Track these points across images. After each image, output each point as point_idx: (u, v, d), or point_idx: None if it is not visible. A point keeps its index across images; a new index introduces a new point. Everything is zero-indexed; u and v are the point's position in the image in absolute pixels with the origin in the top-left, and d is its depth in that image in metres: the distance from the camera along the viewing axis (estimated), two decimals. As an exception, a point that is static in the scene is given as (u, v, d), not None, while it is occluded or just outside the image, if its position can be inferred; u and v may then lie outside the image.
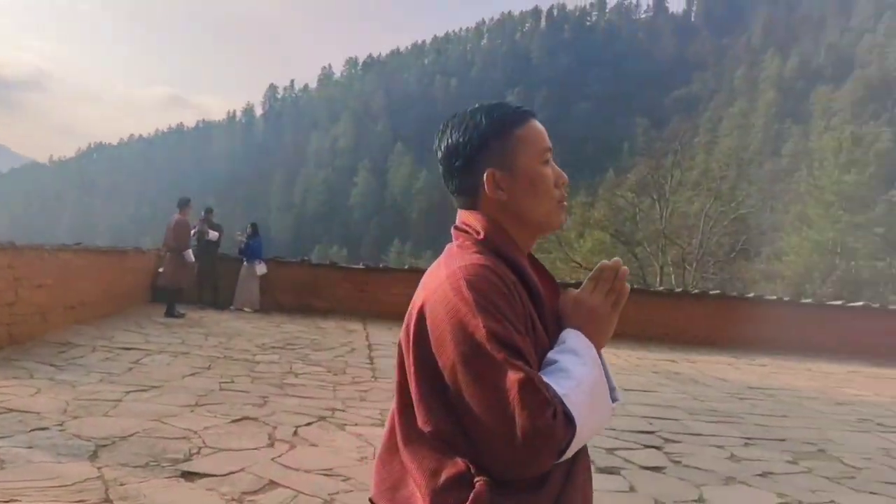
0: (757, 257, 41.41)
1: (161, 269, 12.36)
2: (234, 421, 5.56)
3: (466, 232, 1.38)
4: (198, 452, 4.69)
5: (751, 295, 15.75)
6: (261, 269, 13.66)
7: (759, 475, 5.38)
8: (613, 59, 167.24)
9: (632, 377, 9.58)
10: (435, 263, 1.38)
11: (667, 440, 6.23)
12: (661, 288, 20.22)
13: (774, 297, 15.70)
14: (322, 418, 5.91)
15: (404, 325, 1.34)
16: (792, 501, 4.79)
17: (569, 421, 1.16)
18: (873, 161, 49.69)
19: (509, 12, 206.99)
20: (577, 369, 1.25)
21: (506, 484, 1.18)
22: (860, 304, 15.03)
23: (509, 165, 1.36)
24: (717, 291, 16.66)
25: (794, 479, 5.37)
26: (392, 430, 1.37)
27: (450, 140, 1.39)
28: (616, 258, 1.42)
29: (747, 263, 40.06)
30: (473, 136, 1.36)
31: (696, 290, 16.57)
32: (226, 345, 9.33)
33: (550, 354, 1.28)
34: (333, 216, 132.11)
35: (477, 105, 1.43)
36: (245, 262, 13.71)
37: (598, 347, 1.34)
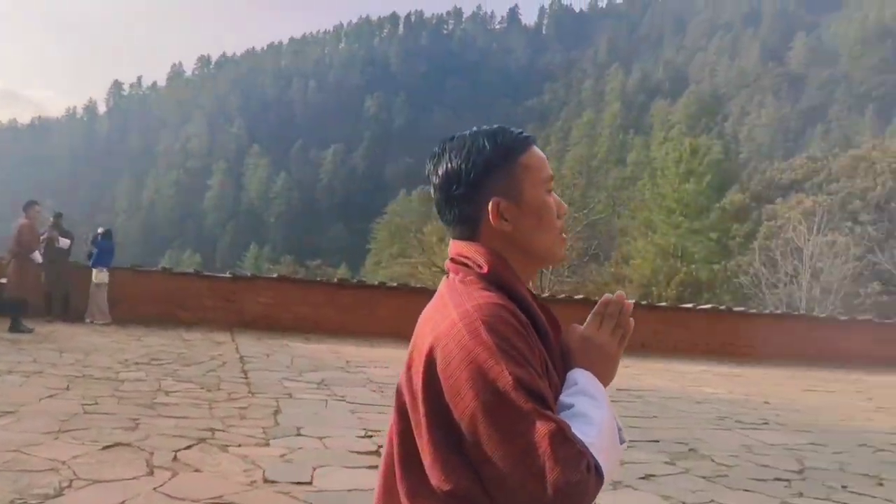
0: (607, 261, 43.54)
1: (3, 280, 11.31)
2: (105, 448, 5.14)
3: (466, 265, 1.28)
4: (69, 486, 4.28)
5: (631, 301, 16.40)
6: (101, 276, 12.64)
7: (642, 478, 5.58)
8: (469, 67, 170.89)
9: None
10: (437, 301, 1.27)
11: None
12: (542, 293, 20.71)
13: (633, 301, 16.45)
14: (202, 440, 5.58)
15: (406, 369, 1.24)
16: (676, 503, 5.00)
17: (598, 472, 1.10)
18: (707, 171, 53.66)
19: (367, 17, 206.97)
20: (595, 414, 1.19)
21: None
22: (708, 306, 16.11)
23: (515, 195, 1.28)
24: (581, 296, 17.33)
25: (675, 480, 5.61)
26: (388, 477, 1.26)
27: (449, 165, 1.29)
28: (620, 292, 1.37)
29: (599, 267, 42.05)
30: (477, 163, 1.27)
31: (563, 295, 17.18)
32: (84, 362, 8.65)
33: (563, 397, 1.20)
34: (186, 220, 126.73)
35: (476, 129, 1.34)
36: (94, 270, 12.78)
37: (605, 386, 1.29)
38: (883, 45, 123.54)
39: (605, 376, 1.29)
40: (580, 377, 1.25)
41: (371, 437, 6.11)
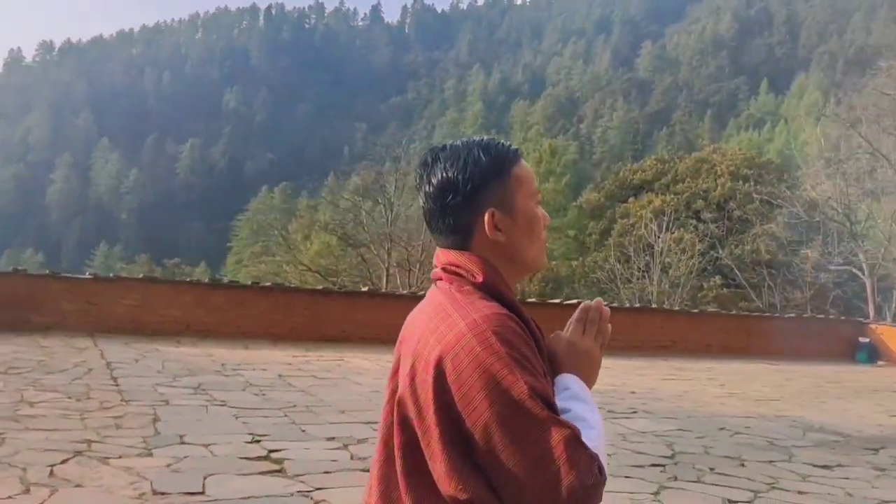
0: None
1: None
2: (-31, 467, 4.75)
3: (459, 275, 1.30)
4: (-64, 511, 3.94)
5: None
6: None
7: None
8: (333, 63, 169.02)
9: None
10: (434, 309, 1.27)
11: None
12: (406, 291, 20.85)
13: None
14: (78, 453, 5.26)
15: (408, 381, 1.23)
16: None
17: (602, 474, 1.14)
18: (566, 171, 55.92)
19: (226, 7, 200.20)
20: (592, 417, 1.24)
21: None
22: (576, 300, 16.80)
23: (508, 206, 1.32)
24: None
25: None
26: (386, 490, 1.27)
27: (444, 175, 1.31)
28: (598, 298, 1.44)
29: (465, 264, 42.81)
30: (474, 174, 1.30)
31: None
32: (-73, 374, 7.93)
33: (559, 402, 1.23)
34: (26, 217, 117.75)
35: (465, 139, 1.37)
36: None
37: (590, 390, 1.35)
38: (719, 55, 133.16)
39: (590, 380, 1.35)
40: (571, 382, 1.30)
41: (259, 441, 5.98)
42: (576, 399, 1.27)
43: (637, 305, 21.13)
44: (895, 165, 35.97)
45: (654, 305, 26.79)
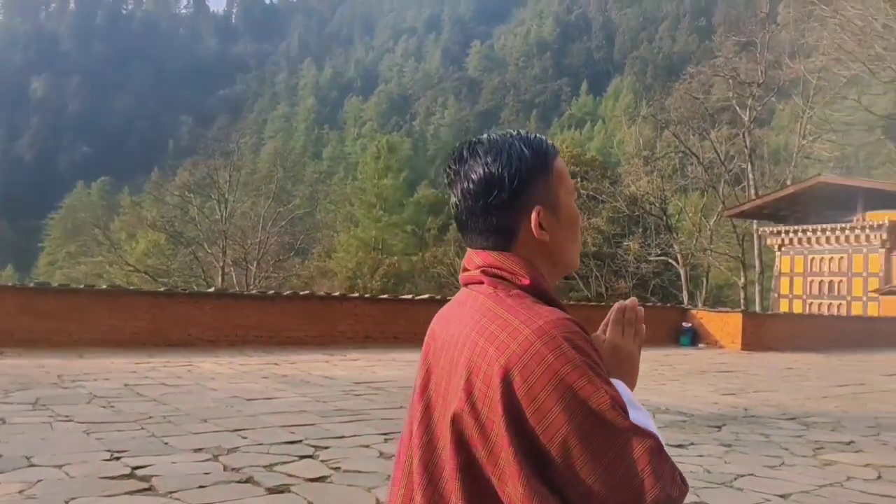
0: (312, 255, 43.75)
1: None
2: None
3: (502, 278, 1.20)
4: None
5: (337, 294, 16.64)
6: None
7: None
8: (154, 52, 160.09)
9: (246, 385, 9.38)
10: (486, 317, 1.14)
11: (316, 447, 6.24)
12: (254, 290, 20.09)
13: (356, 295, 16.83)
14: None
15: (464, 396, 1.11)
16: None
17: (685, 484, 1.10)
18: (403, 167, 56.33)
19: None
20: (649, 423, 1.19)
21: None
22: (426, 296, 16.96)
23: (552, 203, 1.22)
24: (307, 291, 17.23)
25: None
26: None
27: (486, 170, 1.20)
28: (633, 298, 1.38)
29: (304, 261, 42.05)
30: (521, 169, 1.20)
31: (289, 292, 16.89)
32: None
33: None
34: None
35: (501, 133, 1.27)
36: None
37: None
38: (543, 57, 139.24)
39: (633, 383, 1.29)
40: (622, 388, 1.24)
41: (119, 458, 5.51)
42: (631, 405, 1.21)
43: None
44: (704, 163, 39.26)
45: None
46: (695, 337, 19.34)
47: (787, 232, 29.97)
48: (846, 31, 29.86)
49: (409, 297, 17.17)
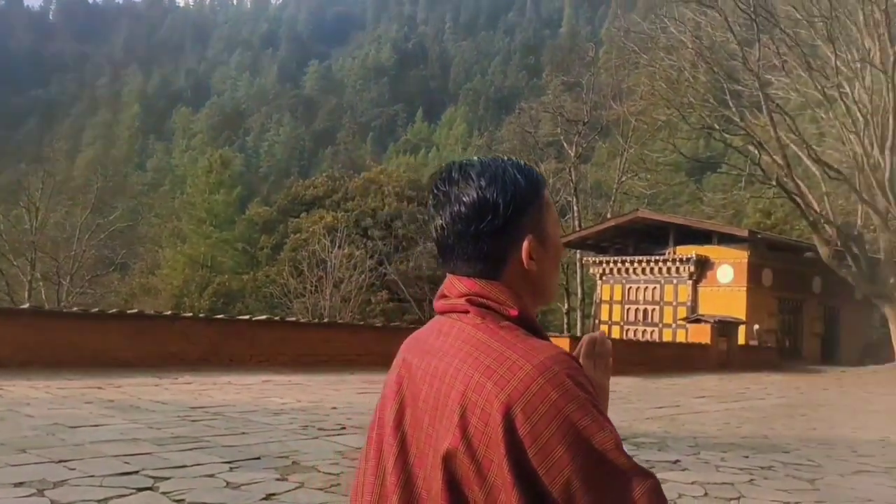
0: (133, 271, 41.17)
1: None
2: None
3: (487, 307, 1.16)
4: None
5: (168, 312, 15.69)
6: None
7: (263, 499, 5.48)
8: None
9: (68, 411, 8.61)
10: (478, 349, 1.11)
11: (155, 478, 5.82)
12: (75, 308, 18.52)
13: (190, 315, 15.98)
14: None
15: (458, 434, 1.06)
16: (309, 517, 5.03)
17: None
18: (237, 182, 54.60)
19: None
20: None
21: None
22: (264, 317, 16.40)
23: (541, 233, 1.20)
24: (136, 310, 16.11)
25: (294, 495, 5.62)
26: None
27: (481, 195, 1.16)
28: (601, 330, 1.39)
29: (124, 277, 39.48)
30: (516, 196, 1.17)
31: (115, 310, 15.71)
32: None
33: None
34: None
35: (491, 158, 1.24)
36: None
37: None
38: (380, 82, 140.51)
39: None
40: None
41: (-77, 498, 4.86)
42: None
43: (326, 321, 21.22)
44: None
45: (326, 319, 27.25)
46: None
47: (608, 262, 31.94)
48: (661, 79, 32.50)
49: (247, 317, 16.56)
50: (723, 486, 6.96)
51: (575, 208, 39.97)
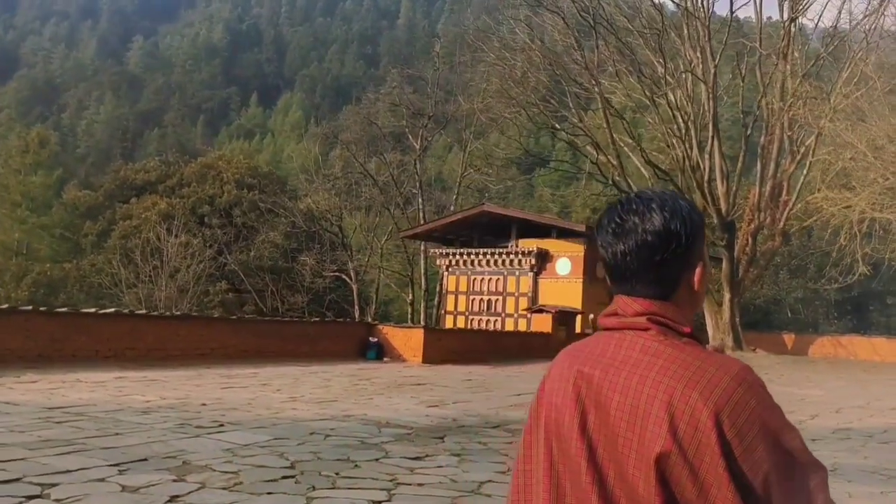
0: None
1: None
2: None
3: (665, 325, 1.30)
4: None
5: (5, 306, 14.26)
6: None
7: (168, 502, 5.25)
8: None
9: None
10: (674, 362, 1.25)
11: (42, 485, 5.42)
12: None
13: (30, 308, 14.64)
14: None
15: (670, 437, 1.19)
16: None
17: None
18: (56, 164, 50.44)
19: None
20: None
21: None
22: (111, 310, 15.34)
23: (704, 260, 1.36)
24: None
25: (200, 496, 5.42)
26: None
27: (667, 226, 1.30)
28: (720, 341, 1.54)
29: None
30: (693, 228, 1.32)
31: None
32: None
33: None
34: None
35: (662, 191, 1.38)
36: None
37: None
38: (212, 63, 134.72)
39: None
40: None
41: None
42: None
43: (179, 313, 20.10)
44: (379, 184, 41.20)
45: (163, 310, 25.97)
46: (380, 351, 20.16)
47: (453, 254, 32.69)
48: (504, 77, 33.61)
49: (92, 310, 15.44)
50: (600, 468, 7.45)
51: (420, 200, 40.49)
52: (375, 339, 20.43)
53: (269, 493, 5.65)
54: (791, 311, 34.05)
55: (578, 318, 27.66)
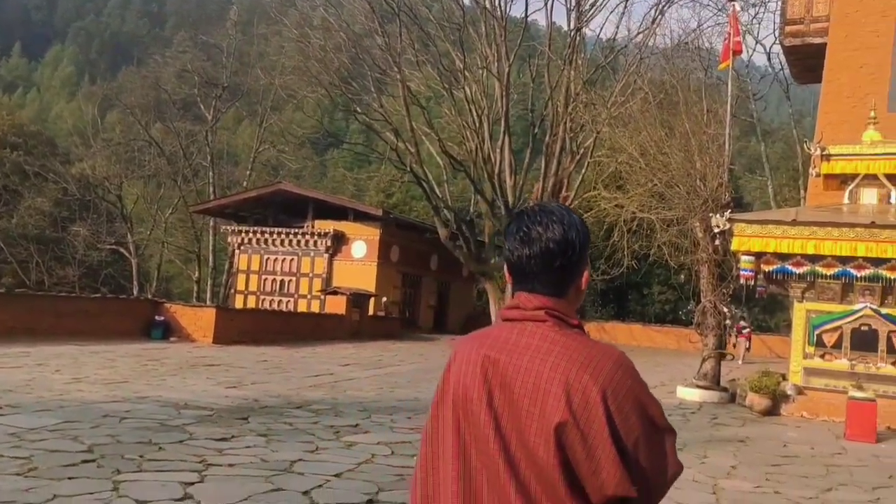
0: None
1: None
2: None
3: (559, 318, 1.56)
4: None
5: None
6: None
7: None
8: None
9: None
10: (567, 348, 1.51)
11: None
12: None
13: None
14: None
15: (566, 410, 1.45)
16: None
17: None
18: None
19: None
20: None
21: None
22: None
23: (588, 265, 1.66)
24: None
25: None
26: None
27: (569, 235, 1.57)
28: None
29: None
30: (584, 238, 1.60)
31: None
32: None
33: None
34: None
35: (558, 206, 1.64)
36: None
37: None
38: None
39: None
40: None
41: None
42: None
43: None
44: (166, 154, 38.99)
45: None
46: (167, 330, 19.23)
47: (246, 232, 31.71)
48: (307, 55, 33.09)
49: None
50: (403, 445, 7.79)
51: (211, 174, 38.80)
52: (162, 318, 19.46)
53: (70, 478, 5.37)
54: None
55: (372, 300, 28.07)
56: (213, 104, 39.34)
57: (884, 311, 12.24)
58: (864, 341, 12.34)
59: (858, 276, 12.18)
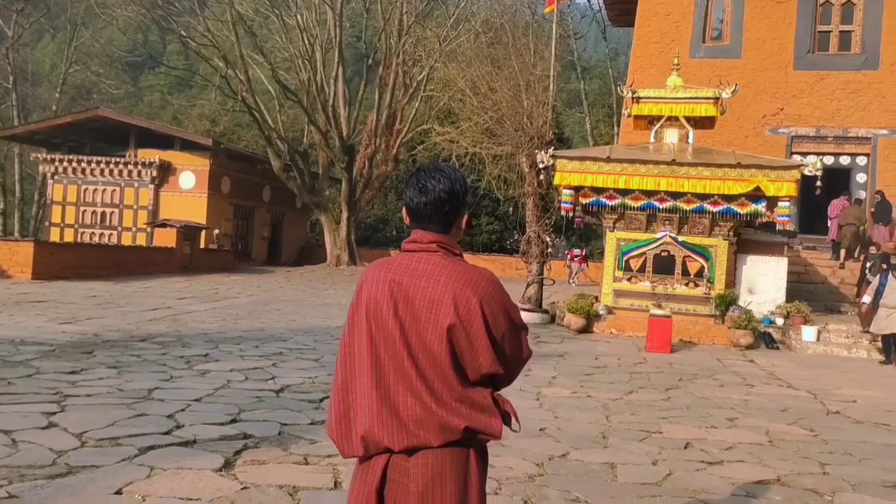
0: None
1: None
2: None
3: (446, 249, 2.13)
4: None
5: None
6: None
7: None
8: None
9: None
10: (452, 269, 2.07)
11: None
12: None
13: None
14: None
15: (454, 315, 2.02)
16: None
17: None
18: None
19: None
20: None
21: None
22: None
23: (466, 210, 2.23)
24: None
25: None
26: (431, 391, 2.03)
27: (456, 187, 2.13)
28: None
29: None
30: (465, 190, 2.17)
31: None
32: None
33: None
34: None
35: (446, 165, 2.21)
36: None
37: None
38: None
39: None
40: None
41: None
42: None
43: None
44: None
45: None
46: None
47: (61, 160, 29.57)
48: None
49: None
50: (256, 370, 8.17)
51: (14, 96, 35.53)
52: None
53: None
54: (396, 230, 37.63)
55: (203, 233, 27.43)
56: (13, 18, 35.75)
57: (680, 238, 13.94)
58: (664, 266, 14.04)
59: (661, 207, 13.77)
